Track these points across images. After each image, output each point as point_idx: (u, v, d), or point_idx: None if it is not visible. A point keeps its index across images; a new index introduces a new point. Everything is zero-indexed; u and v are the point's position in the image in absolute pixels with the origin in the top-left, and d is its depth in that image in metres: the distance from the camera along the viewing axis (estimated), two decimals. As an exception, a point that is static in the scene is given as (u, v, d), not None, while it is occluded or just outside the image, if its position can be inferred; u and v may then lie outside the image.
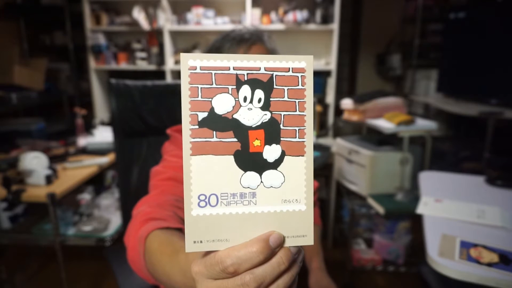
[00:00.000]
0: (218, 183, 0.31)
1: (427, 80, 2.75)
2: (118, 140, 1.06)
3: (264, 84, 0.31)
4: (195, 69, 0.30)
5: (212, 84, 0.30)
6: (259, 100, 0.31)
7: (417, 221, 1.20)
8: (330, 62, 2.43)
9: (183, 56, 0.30)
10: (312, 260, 0.98)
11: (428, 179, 1.29)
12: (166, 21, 2.48)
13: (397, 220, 1.86)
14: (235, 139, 0.31)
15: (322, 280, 0.93)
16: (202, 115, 0.30)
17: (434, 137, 1.94)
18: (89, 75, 2.69)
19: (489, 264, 0.75)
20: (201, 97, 0.30)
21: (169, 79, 2.56)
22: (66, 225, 1.63)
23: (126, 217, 1.08)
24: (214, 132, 0.31)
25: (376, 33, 3.10)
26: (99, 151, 1.81)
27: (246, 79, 0.31)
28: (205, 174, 0.31)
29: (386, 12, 3.06)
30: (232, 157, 0.31)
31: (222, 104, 0.31)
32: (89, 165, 1.64)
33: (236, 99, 0.31)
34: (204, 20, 2.46)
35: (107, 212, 1.77)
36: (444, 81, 2.51)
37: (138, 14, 2.43)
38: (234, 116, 0.31)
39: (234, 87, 0.31)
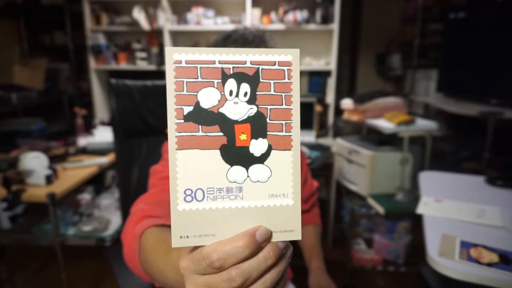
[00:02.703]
0: (204, 178, 0.31)
1: (427, 80, 2.75)
2: (118, 140, 1.06)
3: (250, 77, 0.31)
4: (180, 63, 0.30)
5: (197, 78, 0.30)
6: (245, 94, 0.31)
7: (417, 221, 1.20)
8: (330, 62, 2.43)
9: (168, 50, 0.30)
10: (312, 260, 0.98)
11: (428, 179, 1.29)
12: (166, 21, 2.48)
13: (397, 220, 1.86)
14: (221, 133, 0.31)
15: (322, 280, 0.93)
16: (187, 109, 0.30)
17: (434, 137, 1.94)
18: (89, 75, 2.69)
19: (489, 264, 0.75)
20: (187, 91, 0.30)
21: (169, 79, 2.56)
22: (66, 225, 1.63)
23: (126, 217, 1.07)
24: (200, 126, 0.30)
25: (376, 33, 3.10)
26: (99, 151, 1.81)
27: (231, 72, 0.31)
28: (191, 169, 0.30)
29: (386, 12, 3.06)
30: (218, 152, 0.31)
31: (208, 98, 0.30)
32: (89, 165, 1.64)
33: (222, 93, 0.31)
34: (204, 20, 2.46)
35: (107, 212, 1.77)
36: (444, 81, 2.51)
37: (138, 14, 2.43)
38: (220, 110, 0.31)
39: (220, 81, 0.30)
